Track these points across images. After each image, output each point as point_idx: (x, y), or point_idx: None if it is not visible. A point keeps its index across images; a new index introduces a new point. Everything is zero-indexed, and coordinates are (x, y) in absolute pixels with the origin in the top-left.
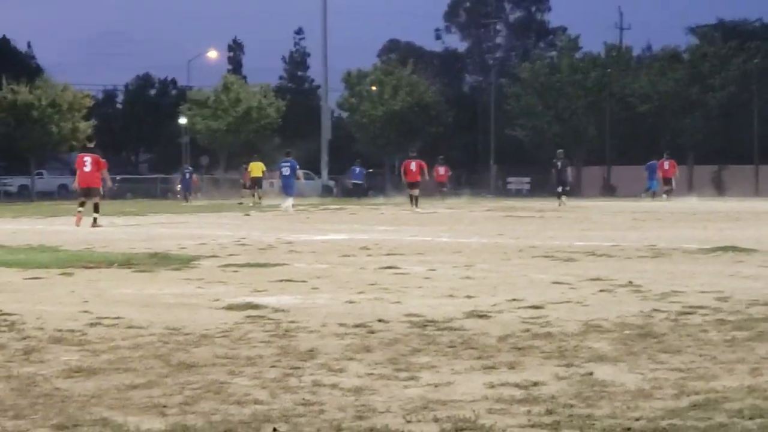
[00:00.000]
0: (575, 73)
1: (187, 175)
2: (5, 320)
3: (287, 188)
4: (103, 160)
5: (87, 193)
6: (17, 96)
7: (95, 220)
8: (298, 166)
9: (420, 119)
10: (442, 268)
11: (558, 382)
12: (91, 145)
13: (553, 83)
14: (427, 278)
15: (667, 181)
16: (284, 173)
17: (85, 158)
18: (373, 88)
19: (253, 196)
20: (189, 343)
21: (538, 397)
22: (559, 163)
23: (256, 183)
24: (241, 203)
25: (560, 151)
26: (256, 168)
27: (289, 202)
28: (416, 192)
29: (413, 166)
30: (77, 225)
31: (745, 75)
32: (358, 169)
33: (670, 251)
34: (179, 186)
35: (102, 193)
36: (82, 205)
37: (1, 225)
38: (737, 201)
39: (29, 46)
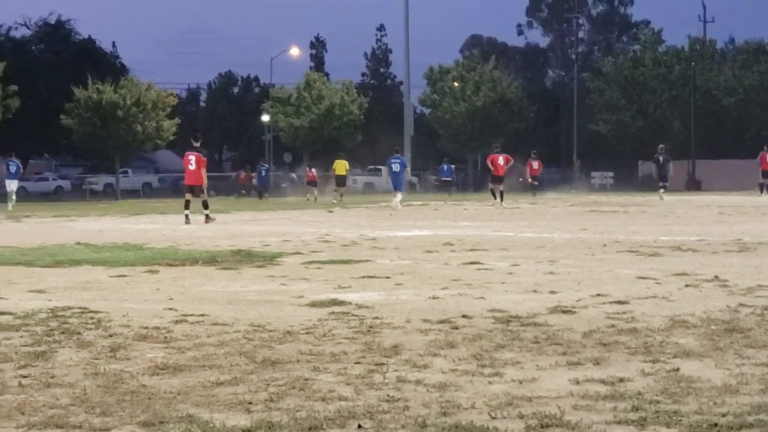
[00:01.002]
0: (659, 67)
1: (263, 172)
2: (92, 318)
3: (397, 184)
4: (204, 159)
5: (192, 190)
6: (102, 95)
7: (207, 216)
8: (407, 164)
9: (502, 115)
10: (526, 264)
11: (644, 378)
12: (197, 144)
13: (637, 77)
14: (510, 273)
15: (765, 174)
16: (394, 169)
17: (190, 156)
18: (456, 84)
19: (337, 194)
20: (273, 339)
21: (624, 393)
22: (660, 158)
23: (340, 181)
24: (308, 200)
25: (662, 146)
26: (340, 166)
27: (398, 198)
28: (501, 187)
29: (501, 160)
30: (187, 224)
31: None
32: (446, 167)
33: (757, 245)
34: (254, 181)
35: (204, 190)
36: (187, 205)
37: (86, 223)
38: None
39: (114, 46)
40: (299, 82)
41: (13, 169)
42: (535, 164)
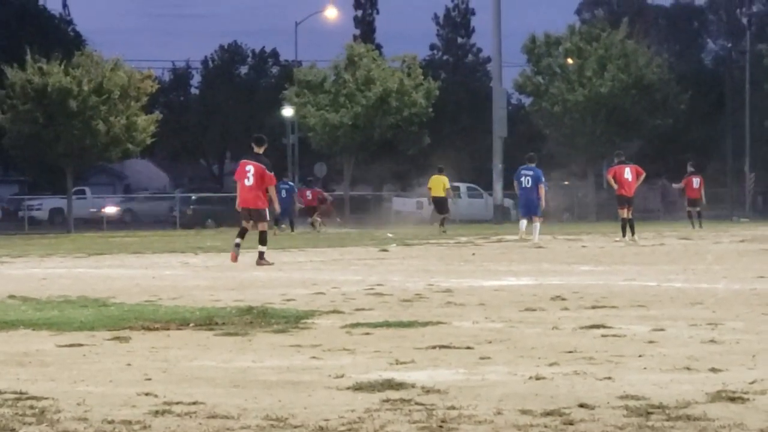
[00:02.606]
0: None
1: (284, 192)
2: (32, 407)
3: (530, 207)
4: (270, 173)
5: (250, 215)
6: (47, 78)
7: (261, 254)
8: (543, 177)
9: (639, 106)
10: (674, 328)
11: None
12: (260, 150)
13: None
14: (651, 342)
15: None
16: (524, 185)
17: (248, 166)
18: (570, 60)
19: (441, 225)
20: None
21: None
22: None
23: (440, 206)
24: (314, 229)
25: None
26: (437, 184)
27: (537, 228)
28: (630, 213)
29: (628, 173)
30: (233, 261)
31: None
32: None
33: None
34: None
35: (268, 217)
36: (242, 234)
37: (24, 267)
38: None
39: (65, 6)
40: (338, 59)
41: None
42: (696, 181)
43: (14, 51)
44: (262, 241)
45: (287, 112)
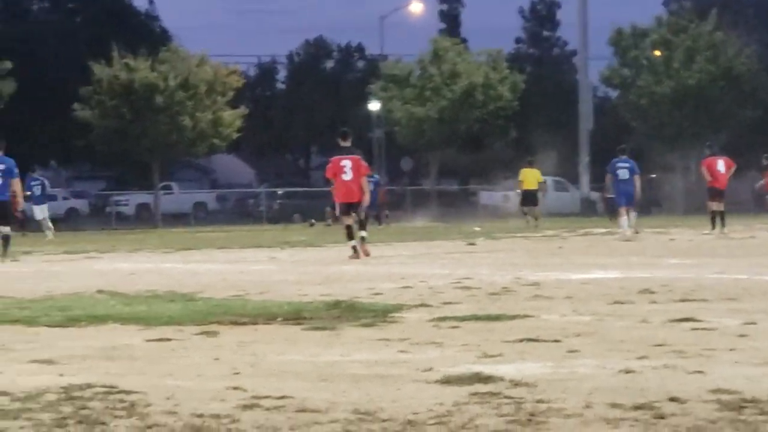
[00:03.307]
0: None
1: (371, 186)
2: (122, 401)
3: (626, 197)
4: (365, 164)
5: (350, 210)
6: (134, 74)
7: (354, 248)
8: (638, 169)
9: (728, 98)
10: (767, 322)
11: None
12: (347, 144)
13: None
14: (743, 336)
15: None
16: (621, 176)
17: (343, 162)
18: (657, 53)
19: (526, 216)
20: None
21: None
22: None
23: (530, 199)
24: (312, 224)
25: None
26: (530, 177)
27: (632, 218)
28: (721, 205)
29: (721, 165)
30: (356, 258)
31: None
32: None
33: None
34: (328, 208)
35: (363, 208)
36: (350, 235)
37: (112, 262)
38: None
39: (151, 2)
40: (423, 53)
41: (38, 190)
42: None
43: (101, 47)
44: (364, 226)
45: (373, 106)
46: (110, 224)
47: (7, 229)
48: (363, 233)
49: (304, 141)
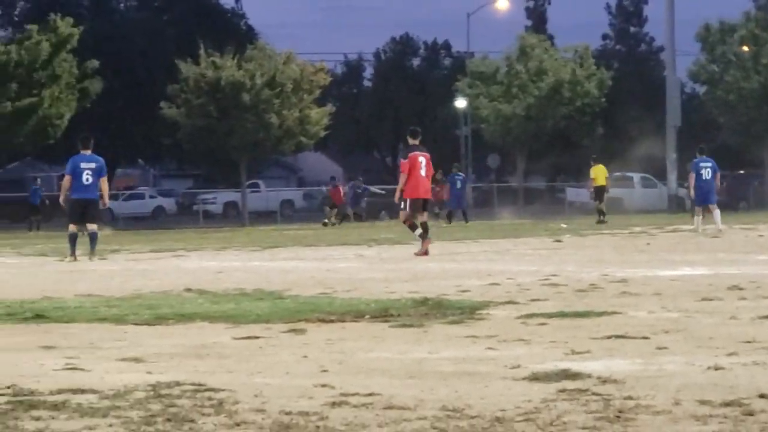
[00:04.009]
0: None
1: (458, 184)
2: (210, 398)
3: (710, 197)
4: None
5: (424, 206)
6: (221, 72)
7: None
8: (718, 169)
9: None
10: None
11: None
12: (416, 142)
13: None
14: None
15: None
16: (705, 177)
17: (421, 158)
18: (745, 48)
19: (600, 215)
20: (476, 430)
21: None
22: None
23: (601, 194)
24: (326, 223)
25: None
26: (601, 173)
27: (717, 216)
28: None
29: None
30: (425, 254)
31: None
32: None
33: None
34: (327, 208)
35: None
36: (424, 227)
37: (200, 261)
38: None
39: (237, 0)
40: (510, 50)
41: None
42: None
43: (188, 45)
44: (427, 229)
45: (460, 103)
46: (197, 222)
47: (94, 227)
48: (420, 230)
49: (391, 138)
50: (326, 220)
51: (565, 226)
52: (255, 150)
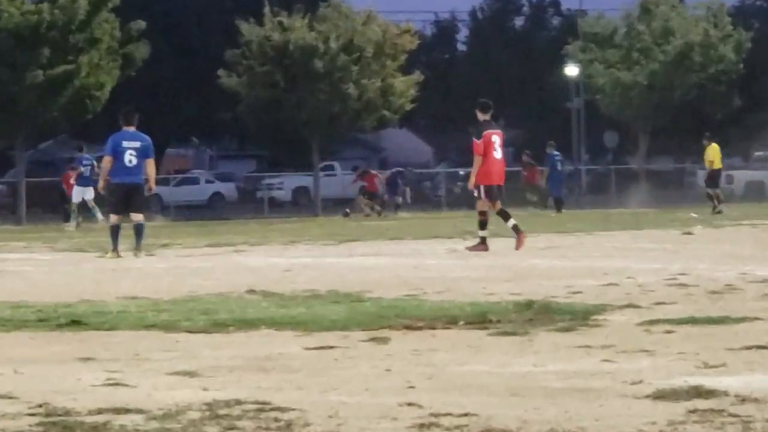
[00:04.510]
0: None
1: (559, 165)
2: (276, 419)
3: None
4: None
5: (500, 193)
6: (289, 35)
7: (482, 240)
8: None
9: None
10: None
11: None
12: (486, 117)
13: None
14: None
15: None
16: None
17: (494, 136)
18: None
19: (714, 201)
20: None
21: None
22: None
23: (716, 179)
24: (347, 213)
25: None
26: (717, 156)
27: None
28: None
29: None
30: (520, 248)
31: None
32: None
33: None
34: (360, 196)
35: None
36: (486, 224)
37: (265, 256)
38: None
39: None
40: (630, 8)
41: (85, 171)
42: None
43: (251, 4)
44: (509, 216)
45: (570, 70)
46: (262, 212)
47: (140, 218)
48: (513, 221)
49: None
50: (367, 211)
51: (695, 215)
52: (329, 126)
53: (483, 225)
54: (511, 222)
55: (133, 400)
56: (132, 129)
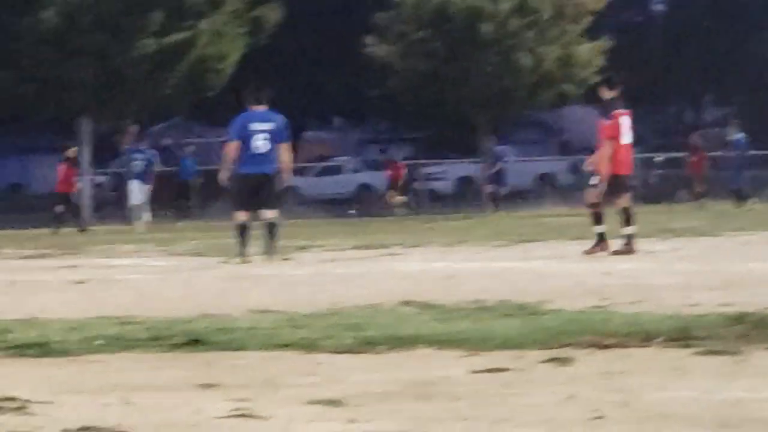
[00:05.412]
0: None
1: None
2: None
3: None
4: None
5: (627, 184)
6: None
7: (629, 240)
8: None
9: None
10: None
11: None
12: (613, 94)
13: None
14: None
15: None
16: None
17: (623, 118)
18: None
19: None
20: None
21: None
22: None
23: None
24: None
25: None
26: None
27: None
28: None
29: None
30: (593, 254)
31: None
32: None
33: None
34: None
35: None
36: (601, 219)
37: (423, 260)
38: None
39: None
40: None
41: (138, 165)
42: None
43: None
44: (631, 217)
45: None
46: (420, 206)
47: (273, 215)
48: (630, 228)
49: (693, 86)
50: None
51: None
52: (499, 104)
53: (598, 219)
54: (601, 228)
55: None
56: (262, 108)
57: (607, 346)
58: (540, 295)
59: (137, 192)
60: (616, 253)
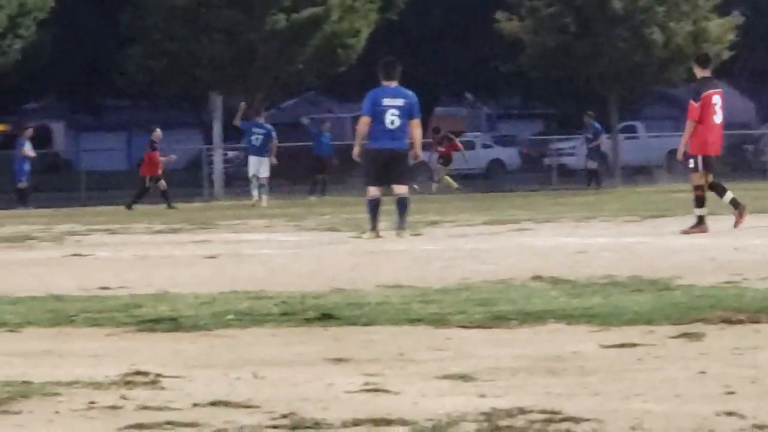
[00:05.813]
0: None
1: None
2: (568, 431)
3: None
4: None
5: (715, 164)
6: None
7: (699, 221)
8: None
9: None
10: None
11: None
12: (706, 73)
13: None
14: None
15: None
16: None
17: (716, 97)
18: None
19: None
20: None
21: None
22: None
23: None
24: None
25: None
26: None
27: None
28: None
29: None
30: (738, 225)
31: None
32: None
33: None
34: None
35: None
36: (703, 201)
37: (554, 236)
38: None
39: None
40: None
41: (258, 139)
42: None
43: None
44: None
45: None
46: (550, 182)
47: (404, 190)
48: (730, 194)
49: None
50: (436, 182)
51: None
52: (630, 79)
53: (700, 202)
54: (729, 195)
55: (396, 409)
56: (394, 84)
57: (738, 322)
58: (670, 271)
59: (256, 165)
60: (684, 232)
